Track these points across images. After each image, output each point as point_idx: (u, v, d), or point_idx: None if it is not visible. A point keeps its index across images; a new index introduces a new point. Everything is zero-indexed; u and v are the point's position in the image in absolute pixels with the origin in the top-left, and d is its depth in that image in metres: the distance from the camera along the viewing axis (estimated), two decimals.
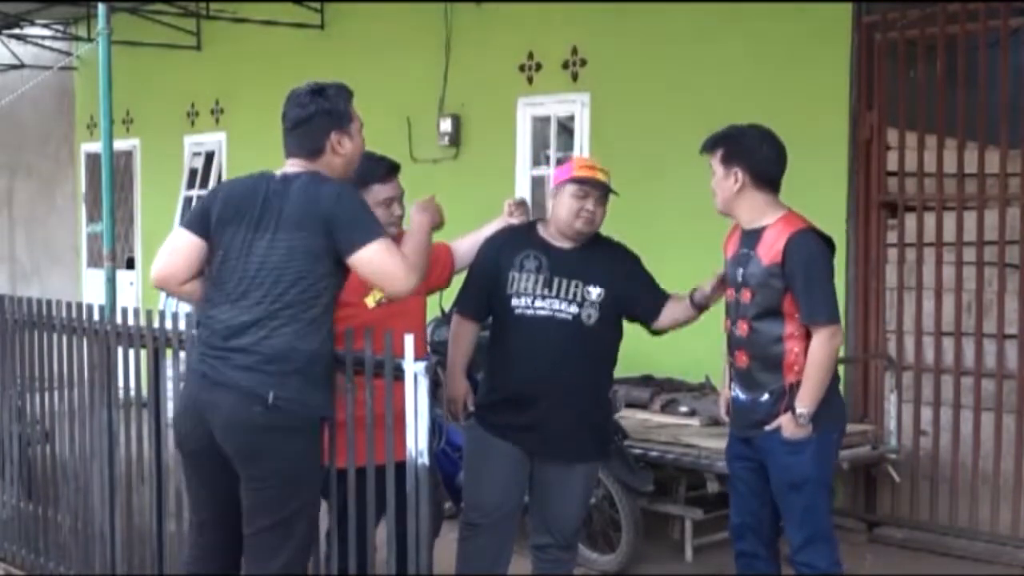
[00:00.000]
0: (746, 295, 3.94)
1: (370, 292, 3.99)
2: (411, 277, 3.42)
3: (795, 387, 3.87)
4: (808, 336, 3.86)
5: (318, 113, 3.52)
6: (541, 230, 4.22)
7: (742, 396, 4.01)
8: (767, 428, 3.90)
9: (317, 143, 3.53)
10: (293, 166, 3.55)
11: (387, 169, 4.08)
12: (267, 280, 3.41)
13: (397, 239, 4.11)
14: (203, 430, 3.45)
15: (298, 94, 3.57)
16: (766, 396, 3.92)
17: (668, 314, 4.22)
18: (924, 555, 5.97)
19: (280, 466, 3.38)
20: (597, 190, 4.11)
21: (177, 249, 3.57)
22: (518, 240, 4.19)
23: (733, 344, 4.03)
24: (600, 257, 4.19)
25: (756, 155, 3.96)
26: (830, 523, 4.05)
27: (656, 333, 4.29)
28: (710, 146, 4.05)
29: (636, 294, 4.19)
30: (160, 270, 3.58)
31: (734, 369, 4.05)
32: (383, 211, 4.02)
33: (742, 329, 3.96)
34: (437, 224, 3.79)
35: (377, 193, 4.01)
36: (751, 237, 3.97)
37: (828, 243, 3.97)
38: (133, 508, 4.73)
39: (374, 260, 3.38)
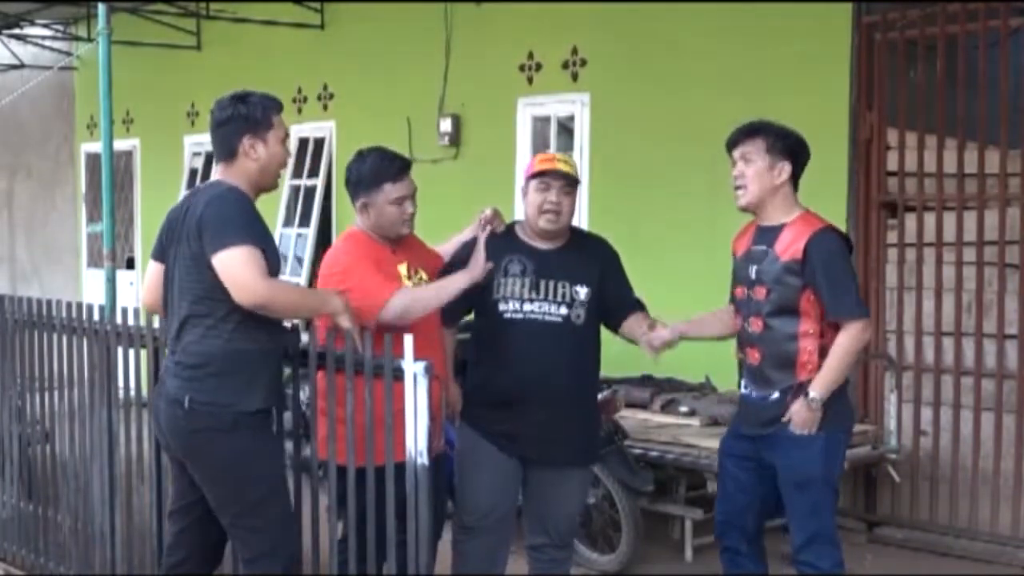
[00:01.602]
0: (760, 292, 3.91)
1: (404, 282, 3.98)
2: (250, 294, 3.41)
3: (806, 386, 3.84)
4: (822, 335, 3.85)
5: (233, 118, 3.66)
6: (520, 233, 4.16)
7: (754, 394, 3.98)
8: (783, 419, 3.85)
9: (231, 146, 3.65)
10: (216, 174, 3.73)
11: (399, 168, 4.06)
12: (178, 292, 3.62)
13: (409, 240, 4.14)
14: (161, 434, 3.76)
15: (222, 98, 3.73)
16: (776, 394, 3.90)
17: (627, 329, 4.18)
18: (924, 555, 5.97)
19: (214, 465, 3.58)
20: (558, 180, 4.03)
21: (150, 280, 3.86)
22: (500, 245, 4.12)
23: (745, 340, 3.99)
24: (583, 255, 4.14)
25: (801, 154, 3.96)
26: (834, 524, 4.03)
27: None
28: (749, 134, 3.94)
29: (608, 294, 4.14)
30: (145, 301, 3.94)
31: (745, 366, 4.01)
32: (395, 209, 4.01)
33: (756, 326, 3.93)
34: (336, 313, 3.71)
35: (389, 192, 4.00)
36: (768, 234, 3.93)
37: (847, 242, 3.97)
38: (133, 508, 4.73)
39: (224, 266, 3.45)
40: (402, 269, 4.03)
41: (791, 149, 3.93)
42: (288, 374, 3.91)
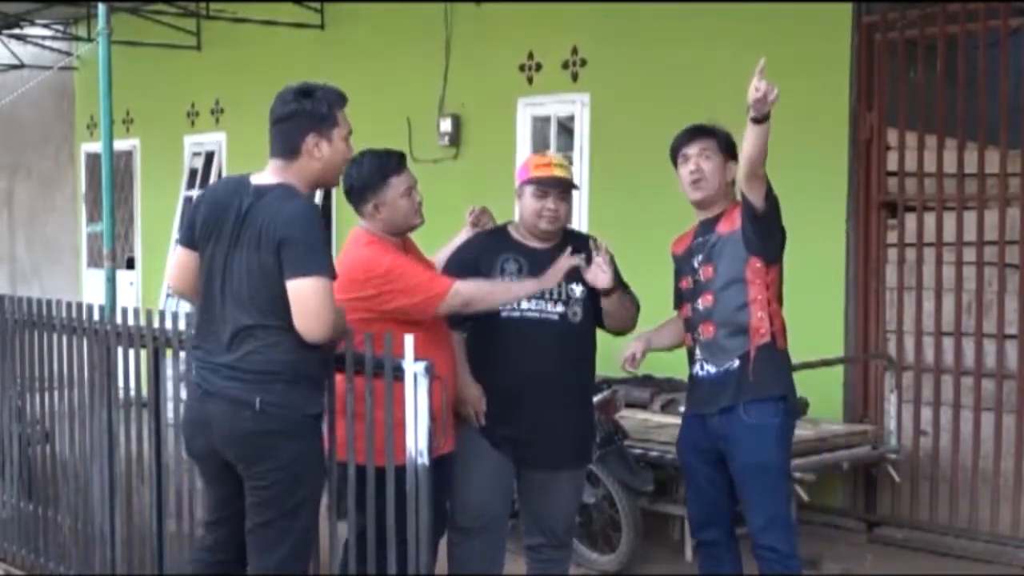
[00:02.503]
0: (708, 272, 4.01)
1: None
2: (323, 329, 3.38)
3: (761, 350, 3.93)
4: (770, 303, 3.95)
5: (298, 113, 3.49)
6: (514, 232, 4.19)
7: (713, 370, 4.03)
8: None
9: (294, 143, 3.50)
10: (271, 170, 3.54)
11: (398, 160, 4.09)
12: (239, 296, 3.47)
13: (409, 247, 4.14)
14: (205, 439, 3.58)
15: (285, 91, 3.56)
16: (736, 362, 3.97)
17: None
18: (924, 555, 5.97)
19: (278, 467, 3.47)
20: (555, 187, 4.07)
21: (178, 265, 3.71)
22: (494, 244, 4.16)
23: (698, 319, 4.06)
24: (578, 253, 4.13)
25: (737, 153, 4.04)
26: (789, 508, 4.09)
27: (619, 333, 4.30)
28: (706, 132, 4.10)
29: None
30: (172, 284, 3.80)
31: (700, 343, 4.07)
32: (407, 200, 4.03)
33: (707, 301, 4.02)
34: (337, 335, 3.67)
35: (397, 185, 4.02)
36: (708, 225, 4.07)
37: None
38: (133, 508, 4.74)
39: (303, 293, 3.36)
40: None
41: (733, 150, 4.06)
42: None
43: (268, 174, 3.54)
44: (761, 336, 3.94)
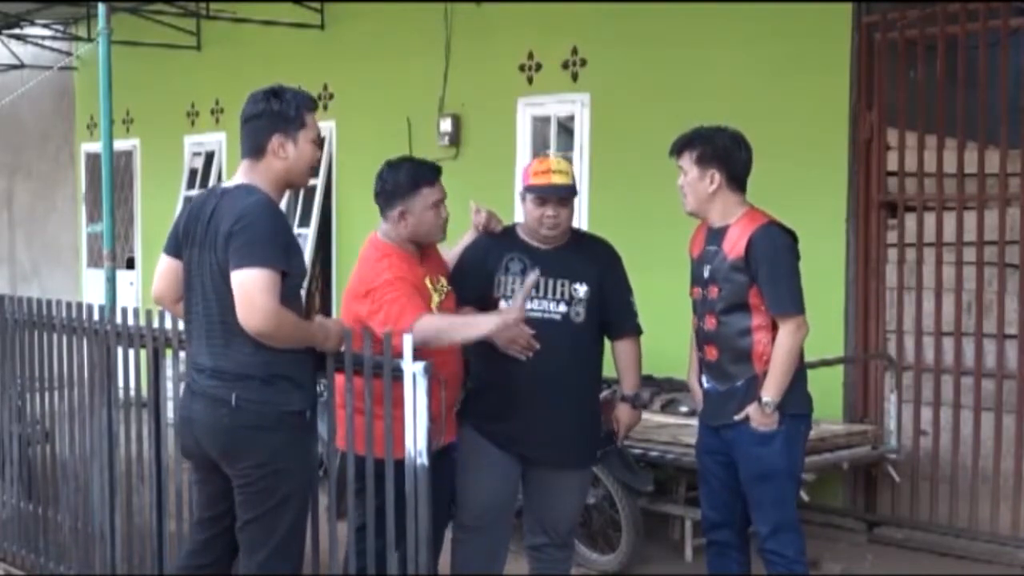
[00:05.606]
0: (713, 291, 4.01)
1: (432, 294, 3.99)
2: (259, 320, 3.34)
3: (766, 375, 3.93)
4: (775, 327, 3.93)
5: (265, 113, 3.57)
6: (521, 233, 4.21)
7: (719, 387, 4.06)
8: (736, 417, 3.96)
9: (259, 142, 3.57)
10: (240, 171, 3.63)
11: (435, 172, 4.11)
12: (206, 298, 3.55)
13: (427, 256, 4.13)
14: (192, 437, 3.65)
15: (255, 93, 3.64)
16: (740, 383, 3.99)
17: (617, 354, 4.29)
18: (924, 555, 5.97)
19: (258, 462, 3.53)
20: (554, 195, 4.07)
21: (162, 273, 3.79)
22: (501, 244, 4.18)
23: (702, 338, 4.10)
24: (583, 255, 4.18)
25: (732, 157, 4.02)
26: (796, 513, 4.10)
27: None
28: (681, 147, 4.08)
29: (607, 297, 4.17)
30: (155, 291, 3.85)
31: (704, 363, 4.11)
32: (433, 213, 4.03)
33: (710, 323, 4.03)
34: (333, 344, 3.67)
35: (427, 196, 4.02)
36: (717, 234, 4.04)
37: (792, 236, 4.02)
38: (133, 508, 4.74)
39: (244, 284, 3.36)
40: (426, 282, 4.03)
41: (718, 155, 4.01)
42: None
43: (237, 176, 3.63)
44: (765, 363, 3.94)
